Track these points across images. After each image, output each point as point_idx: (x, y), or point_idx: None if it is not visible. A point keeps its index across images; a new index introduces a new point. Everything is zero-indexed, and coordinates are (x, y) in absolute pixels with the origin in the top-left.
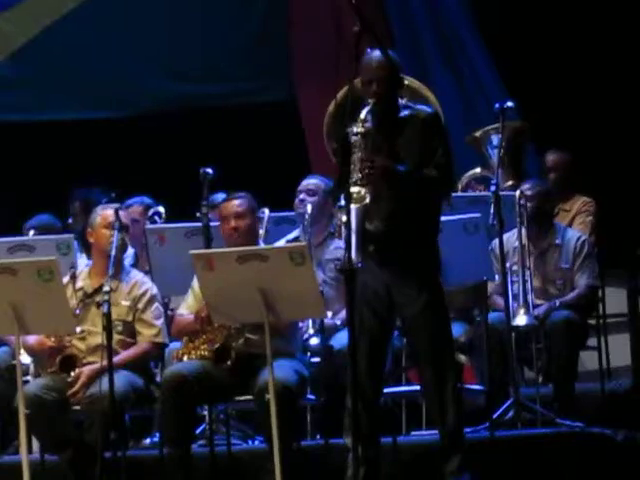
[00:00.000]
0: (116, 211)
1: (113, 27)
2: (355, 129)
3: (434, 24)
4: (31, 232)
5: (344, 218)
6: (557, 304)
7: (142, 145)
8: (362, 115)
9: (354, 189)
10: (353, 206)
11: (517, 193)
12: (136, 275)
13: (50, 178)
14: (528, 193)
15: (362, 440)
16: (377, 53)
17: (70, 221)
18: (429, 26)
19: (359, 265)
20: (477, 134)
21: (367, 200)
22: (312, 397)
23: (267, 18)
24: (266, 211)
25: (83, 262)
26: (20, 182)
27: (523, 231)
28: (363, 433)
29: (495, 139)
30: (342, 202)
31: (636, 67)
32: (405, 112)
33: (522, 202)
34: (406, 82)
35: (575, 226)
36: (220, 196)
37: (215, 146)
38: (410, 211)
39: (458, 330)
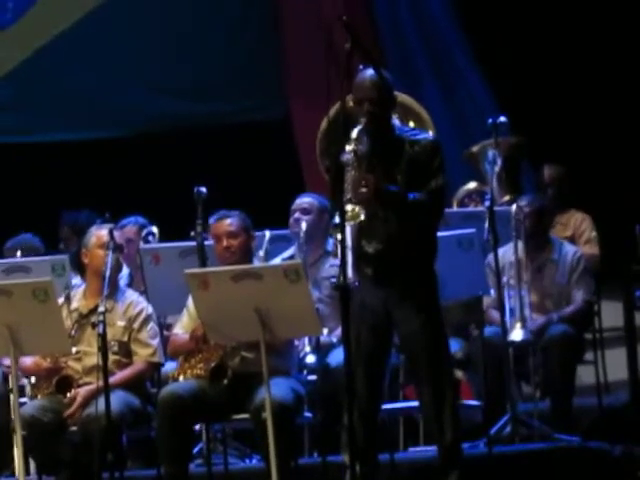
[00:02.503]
0: (110, 231)
1: (106, 47)
2: (348, 147)
3: (425, 40)
4: (18, 253)
5: (339, 236)
6: (555, 318)
7: (135, 165)
8: (354, 134)
9: (348, 207)
10: (348, 224)
11: (514, 208)
12: (131, 295)
13: (42, 199)
14: (525, 210)
15: (360, 457)
16: (369, 72)
17: (61, 246)
18: (420, 42)
19: (355, 284)
20: (474, 149)
21: (362, 217)
22: (309, 415)
23: (260, 37)
24: (267, 233)
25: (77, 284)
26: (11, 204)
27: (520, 245)
28: (361, 449)
29: (492, 154)
30: (337, 220)
31: (628, 79)
32: (405, 134)
33: (519, 217)
34: (398, 99)
35: (582, 247)
36: None
37: (208, 165)
38: (407, 232)
39: (454, 346)
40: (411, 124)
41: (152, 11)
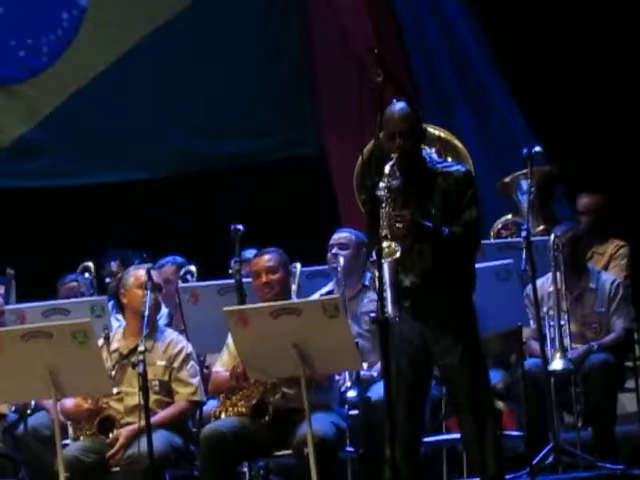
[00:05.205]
0: (148, 271)
1: (140, 90)
2: (381, 184)
3: (458, 70)
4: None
5: (377, 273)
6: (595, 347)
7: (171, 204)
8: (386, 170)
9: (384, 244)
10: (385, 260)
11: (551, 237)
12: (171, 334)
13: (80, 242)
14: (560, 239)
15: None
16: (399, 105)
17: (108, 280)
18: (453, 72)
19: (396, 319)
20: (507, 180)
21: (398, 254)
22: (351, 449)
23: (293, 73)
24: (298, 266)
25: (117, 323)
26: (49, 247)
27: (558, 275)
28: None
29: (525, 184)
30: (374, 257)
31: None
32: (437, 166)
33: (556, 246)
34: (437, 133)
35: (610, 270)
36: (251, 252)
37: (244, 202)
38: (442, 265)
39: (495, 377)
40: (449, 159)
41: (185, 52)
